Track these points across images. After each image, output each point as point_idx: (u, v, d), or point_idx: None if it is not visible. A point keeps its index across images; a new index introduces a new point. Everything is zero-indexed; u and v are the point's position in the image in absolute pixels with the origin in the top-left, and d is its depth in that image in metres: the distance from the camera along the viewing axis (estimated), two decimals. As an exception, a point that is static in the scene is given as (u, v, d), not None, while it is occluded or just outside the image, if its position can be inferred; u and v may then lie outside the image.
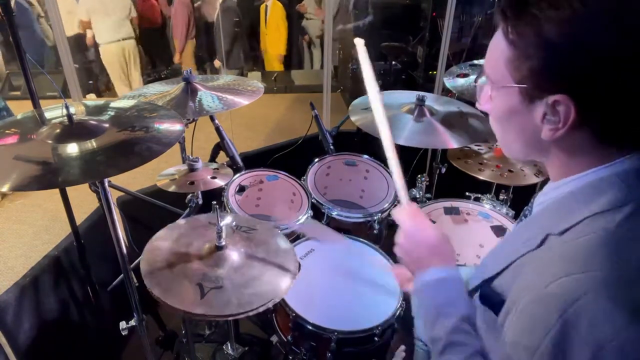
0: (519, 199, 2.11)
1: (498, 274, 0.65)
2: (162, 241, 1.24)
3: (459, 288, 0.76)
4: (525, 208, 0.76)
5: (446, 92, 2.84)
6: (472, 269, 0.92)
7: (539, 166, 1.85)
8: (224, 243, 1.19)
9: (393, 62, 4.68)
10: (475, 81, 0.70)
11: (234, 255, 1.20)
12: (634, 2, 0.53)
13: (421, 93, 1.79)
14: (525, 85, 0.60)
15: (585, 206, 0.58)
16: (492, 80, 0.65)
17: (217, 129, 1.83)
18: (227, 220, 1.25)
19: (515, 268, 0.62)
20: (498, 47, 0.62)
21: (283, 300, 1.39)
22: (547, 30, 0.55)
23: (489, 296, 0.66)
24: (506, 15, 0.60)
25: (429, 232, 0.82)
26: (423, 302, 0.78)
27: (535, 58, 0.57)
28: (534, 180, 1.78)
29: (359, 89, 4.46)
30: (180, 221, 1.35)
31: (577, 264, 0.53)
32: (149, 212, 1.99)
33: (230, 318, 1.08)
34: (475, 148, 1.96)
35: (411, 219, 0.84)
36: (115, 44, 4.55)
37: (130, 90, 4.73)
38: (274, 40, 5.24)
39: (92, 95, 5.20)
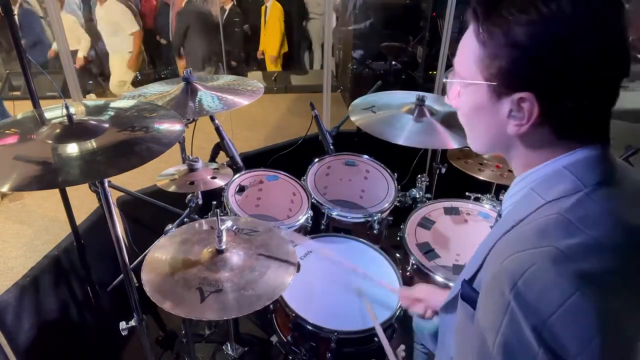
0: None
1: (476, 272, 0.69)
2: (163, 250, 1.24)
3: None
4: (498, 210, 0.80)
5: (446, 92, 2.83)
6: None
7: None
8: (224, 247, 1.20)
9: (393, 62, 4.68)
10: (446, 77, 0.74)
11: (234, 257, 1.20)
12: (594, 5, 0.56)
13: (421, 93, 1.79)
14: (493, 83, 0.63)
15: (541, 197, 0.63)
16: (462, 77, 0.68)
17: (217, 129, 1.83)
18: (228, 224, 1.25)
19: (487, 260, 0.66)
20: (469, 45, 0.65)
21: (283, 300, 1.39)
22: (515, 32, 0.58)
23: (469, 294, 0.69)
24: (477, 16, 0.62)
25: None
26: None
27: (503, 58, 0.60)
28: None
29: (359, 89, 4.47)
30: (181, 228, 1.35)
31: (529, 241, 0.58)
32: (149, 212, 1.99)
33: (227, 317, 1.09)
34: (475, 148, 1.96)
35: None
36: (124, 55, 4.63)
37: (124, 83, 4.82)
38: (271, 41, 5.23)
39: (92, 95, 5.21)
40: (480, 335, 0.62)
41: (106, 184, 1.09)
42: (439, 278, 1.48)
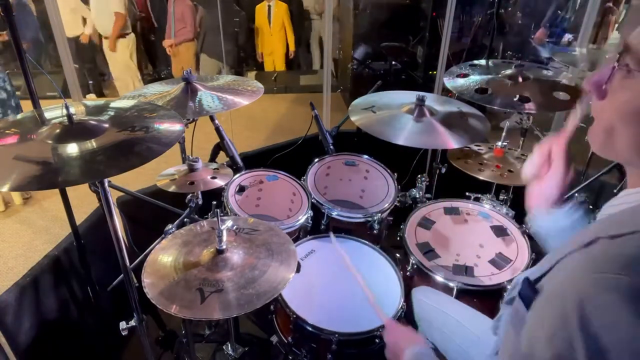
0: (519, 199, 2.11)
1: (544, 274, 0.62)
2: (164, 253, 1.24)
3: (430, 354, 1.02)
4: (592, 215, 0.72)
5: (446, 92, 2.84)
6: None
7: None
8: (224, 247, 1.20)
9: (393, 62, 4.68)
10: (619, 60, 0.59)
11: (235, 257, 1.20)
12: None
13: (421, 93, 1.79)
14: None
15: None
16: None
17: (217, 129, 1.83)
18: (228, 223, 1.25)
19: (558, 266, 0.60)
20: None
21: (284, 301, 1.39)
22: None
23: (527, 294, 0.63)
24: None
25: (401, 334, 1.14)
26: None
27: None
28: (534, 180, 1.78)
29: (359, 89, 4.47)
30: (182, 230, 1.35)
31: (614, 265, 0.51)
32: (149, 212, 1.99)
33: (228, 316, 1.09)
34: (475, 148, 1.96)
35: (390, 334, 1.16)
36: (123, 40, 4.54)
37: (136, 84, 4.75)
38: (280, 39, 5.23)
39: (92, 95, 5.21)
40: (527, 338, 0.58)
41: (106, 184, 1.09)
42: (439, 278, 1.49)
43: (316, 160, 2.00)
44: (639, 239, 0.52)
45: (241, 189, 1.82)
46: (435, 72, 3.23)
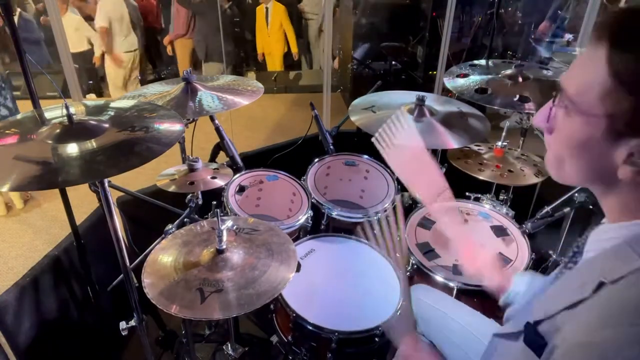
0: (519, 199, 2.11)
1: (546, 318, 0.62)
2: (164, 253, 1.24)
3: None
4: (574, 246, 0.73)
5: (446, 92, 2.84)
6: (528, 278, 1.00)
7: (539, 167, 1.85)
8: (224, 247, 1.20)
9: (393, 62, 4.68)
10: (554, 101, 0.63)
11: (235, 257, 1.20)
12: None
13: (421, 93, 1.79)
14: (617, 121, 0.54)
15: (639, 256, 0.55)
16: (576, 103, 0.59)
17: (217, 129, 1.83)
18: (228, 223, 1.26)
19: (565, 314, 0.59)
20: (594, 71, 0.56)
21: (283, 300, 1.39)
22: None
23: (533, 339, 0.63)
24: (615, 43, 0.53)
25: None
26: None
27: None
28: (534, 180, 1.78)
29: (359, 89, 4.46)
30: (182, 230, 1.35)
31: (631, 314, 0.52)
32: (149, 212, 1.99)
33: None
34: (475, 148, 1.96)
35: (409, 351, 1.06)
36: (128, 54, 4.61)
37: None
38: (277, 40, 5.23)
39: (92, 95, 5.21)
40: None
41: (106, 184, 1.09)
42: (439, 278, 1.49)
43: (316, 160, 2.00)
44: (637, 278, 0.53)
45: (241, 189, 1.82)
46: (435, 72, 3.24)
